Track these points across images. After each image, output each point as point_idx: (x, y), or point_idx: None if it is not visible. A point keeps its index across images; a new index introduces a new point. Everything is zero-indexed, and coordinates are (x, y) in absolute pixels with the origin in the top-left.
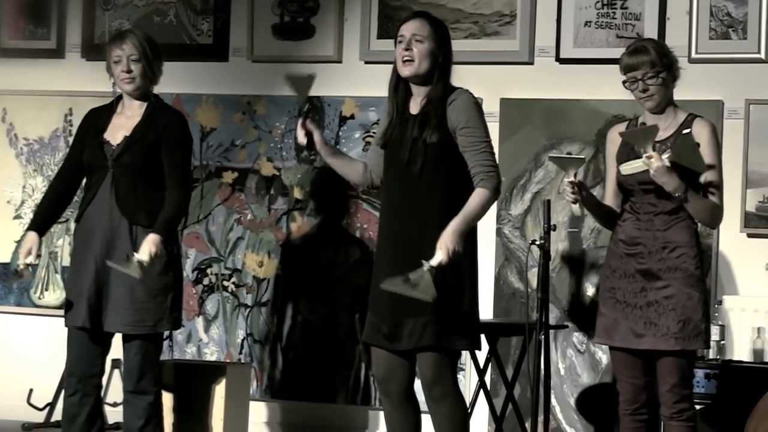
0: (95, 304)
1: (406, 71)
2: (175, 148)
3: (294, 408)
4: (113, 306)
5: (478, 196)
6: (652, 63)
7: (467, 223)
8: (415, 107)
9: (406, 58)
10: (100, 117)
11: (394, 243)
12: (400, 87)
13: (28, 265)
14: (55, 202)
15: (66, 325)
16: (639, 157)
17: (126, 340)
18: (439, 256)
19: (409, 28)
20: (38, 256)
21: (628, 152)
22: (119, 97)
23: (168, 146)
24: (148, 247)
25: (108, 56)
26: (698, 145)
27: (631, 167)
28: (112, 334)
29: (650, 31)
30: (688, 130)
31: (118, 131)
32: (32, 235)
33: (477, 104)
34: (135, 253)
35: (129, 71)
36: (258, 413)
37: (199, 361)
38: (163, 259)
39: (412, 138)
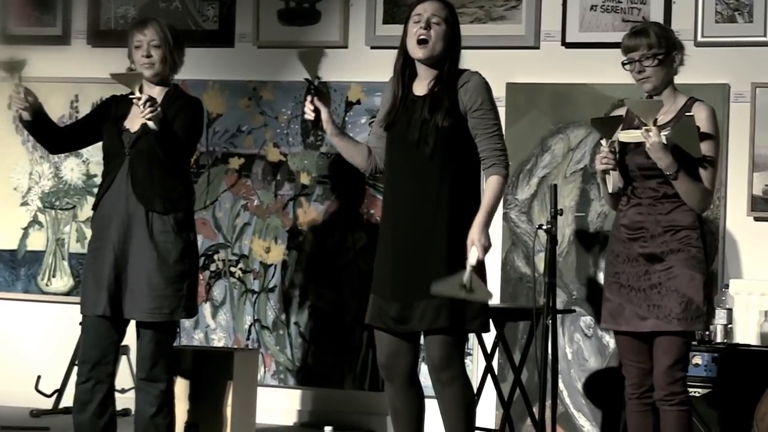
0: (114, 291)
1: (420, 53)
2: (183, 120)
3: (302, 394)
4: (131, 293)
5: (493, 185)
6: (650, 45)
7: (490, 215)
8: (421, 89)
9: (422, 37)
10: (120, 104)
11: (402, 226)
12: (406, 68)
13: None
14: (63, 127)
15: (84, 313)
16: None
17: (140, 327)
18: (475, 254)
19: (427, 9)
20: (26, 105)
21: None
22: (141, 86)
23: (178, 121)
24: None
25: (129, 42)
26: (698, 128)
27: (628, 135)
28: (127, 322)
29: (656, 15)
30: (690, 114)
31: (136, 119)
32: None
33: (488, 86)
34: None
35: (149, 56)
36: (266, 399)
37: (206, 347)
38: (179, 246)
39: (421, 119)
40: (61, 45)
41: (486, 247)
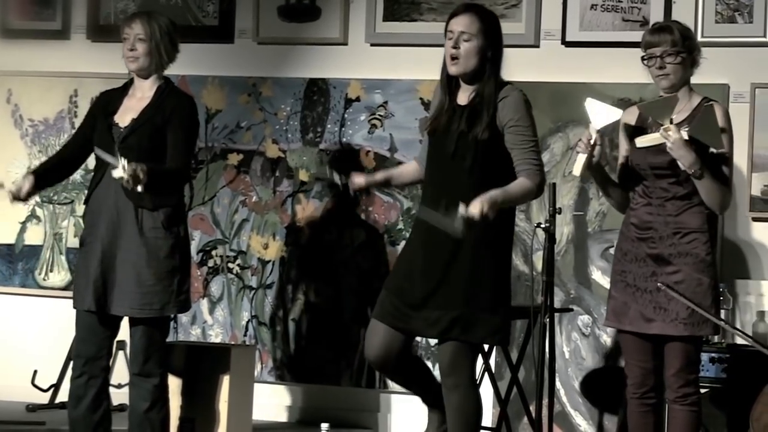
0: (101, 287)
1: (453, 69)
2: (179, 128)
3: (298, 390)
4: (119, 289)
5: (521, 182)
6: (674, 42)
7: (505, 197)
8: (463, 98)
9: (452, 55)
10: (111, 99)
11: (433, 234)
12: (451, 78)
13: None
14: (60, 162)
15: (74, 307)
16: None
17: (132, 323)
18: (471, 210)
19: (458, 25)
20: (26, 197)
21: (642, 132)
22: (132, 80)
23: (173, 126)
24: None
25: (121, 35)
26: (717, 121)
27: (647, 140)
28: (120, 317)
29: (656, 15)
30: (709, 103)
31: (127, 113)
32: (29, 176)
33: (527, 103)
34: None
35: (133, 49)
36: (262, 395)
37: (203, 343)
38: (170, 241)
39: (458, 131)
40: (60, 39)
41: (483, 214)
